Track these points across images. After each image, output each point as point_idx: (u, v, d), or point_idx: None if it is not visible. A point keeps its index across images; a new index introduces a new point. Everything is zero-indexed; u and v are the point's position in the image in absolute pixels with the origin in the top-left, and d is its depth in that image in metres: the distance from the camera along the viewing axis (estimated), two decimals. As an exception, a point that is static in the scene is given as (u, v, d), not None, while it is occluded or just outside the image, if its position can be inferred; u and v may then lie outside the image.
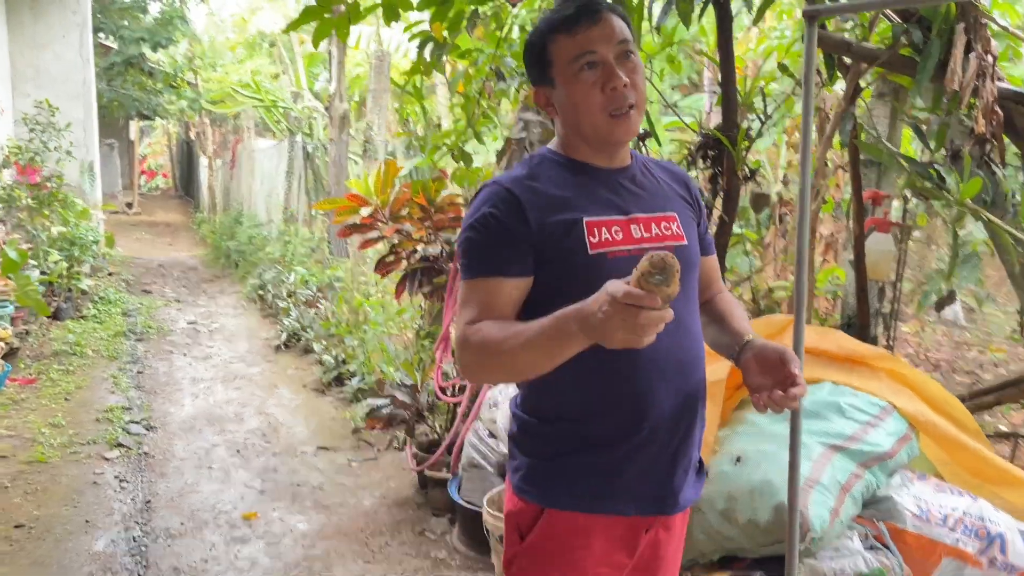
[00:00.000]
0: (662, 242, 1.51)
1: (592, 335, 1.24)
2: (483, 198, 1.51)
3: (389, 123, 7.97)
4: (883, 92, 4.00)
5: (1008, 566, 2.37)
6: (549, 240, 1.46)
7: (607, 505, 1.51)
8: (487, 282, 1.47)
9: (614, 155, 1.55)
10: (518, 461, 1.58)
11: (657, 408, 1.50)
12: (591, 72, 1.46)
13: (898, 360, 2.90)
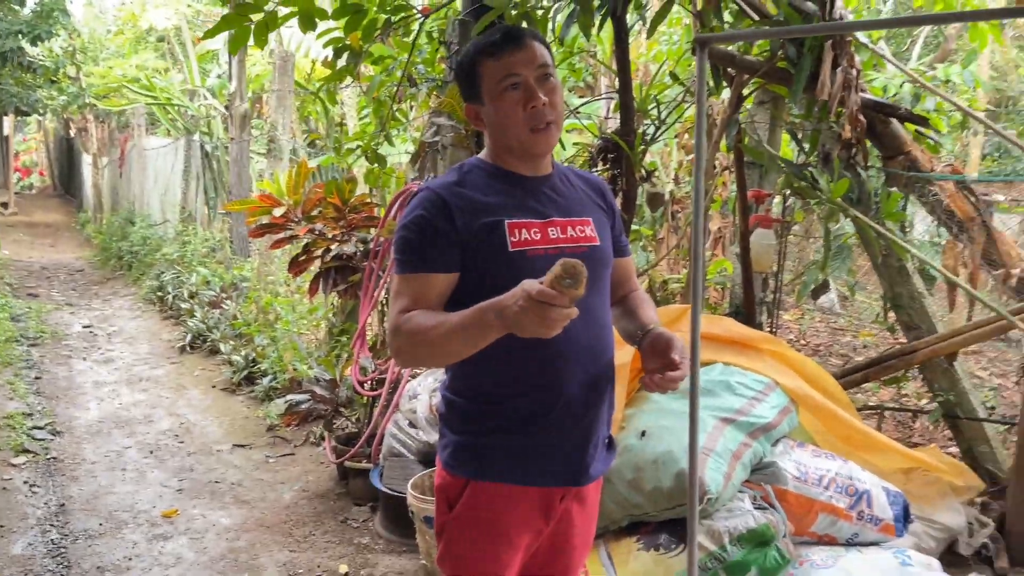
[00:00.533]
0: (576, 243, 1.70)
1: (507, 326, 1.43)
2: (417, 202, 1.68)
3: (293, 123, 7.96)
4: (764, 100, 4.38)
5: (873, 518, 2.73)
6: (474, 240, 1.62)
7: (527, 477, 1.69)
8: (418, 277, 1.63)
9: (536, 165, 1.73)
10: (447, 439, 1.75)
11: (570, 390, 1.67)
12: (514, 92, 1.64)
13: (780, 343, 3.25)
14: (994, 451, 3.59)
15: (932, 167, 4.00)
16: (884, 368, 3.85)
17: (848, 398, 3.19)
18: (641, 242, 5.61)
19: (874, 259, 3.86)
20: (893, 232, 3.72)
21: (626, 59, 3.92)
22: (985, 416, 3.77)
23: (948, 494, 3.15)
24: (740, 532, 2.48)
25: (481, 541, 1.72)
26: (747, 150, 4.13)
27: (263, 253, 6.87)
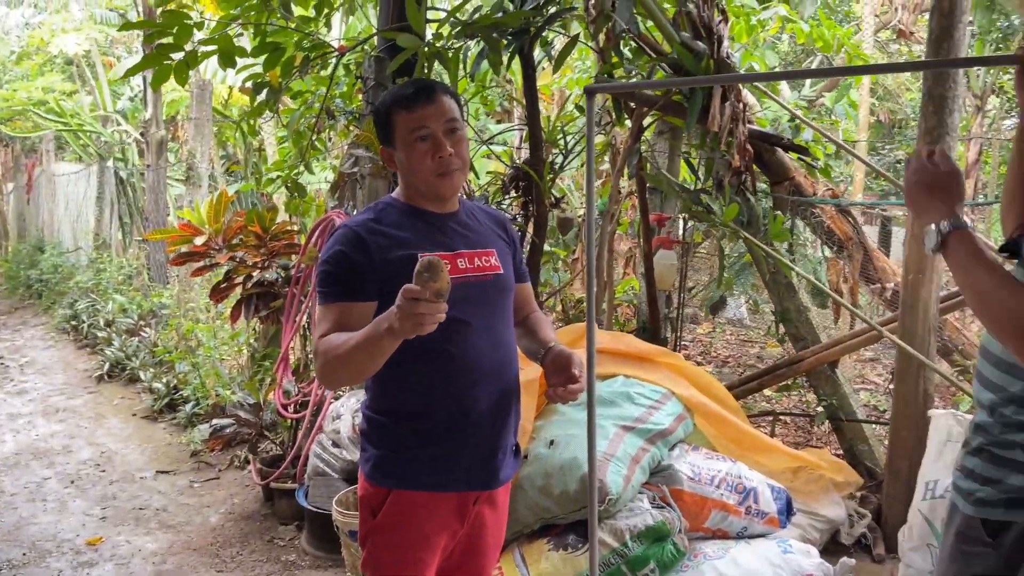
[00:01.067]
0: (482, 272, 1.88)
1: (394, 330, 1.54)
2: (336, 238, 1.83)
3: (211, 150, 7.98)
4: (663, 130, 4.71)
5: (760, 512, 3.02)
6: (390, 272, 1.76)
7: (442, 484, 1.85)
8: (337, 306, 1.79)
9: (444, 203, 1.91)
10: (368, 453, 1.89)
11: (478, 404, 1.84)
12: (424, 143, 1.81)
13: (676, 356, 3.53)
14: (872, 449, 3.96)
15: (814, 191, 4.39)
16: (775, 377, 4.19)
17: (738, 405, 3.49)
18: (556, 263, 5.88)
19: (763, 276, 4.20)
20: (779, 252, 4.07)
21: (534, 93, 4.18)
22: (865, 418, 4.14)
23: (830, 489, 3.47)
24: (640, 529, 2.72)
25: (403, 545, 1.88)
26: (648, 177, 4.44)
27: (183, 280, 6.88)
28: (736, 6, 5.01)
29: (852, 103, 6.73)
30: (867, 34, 7.30)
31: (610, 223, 4.67)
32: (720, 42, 4.01)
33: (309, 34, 3.75)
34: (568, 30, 4.51)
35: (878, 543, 3.51)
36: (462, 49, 3.86)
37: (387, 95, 1.91)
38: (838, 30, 5.35)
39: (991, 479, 1.49)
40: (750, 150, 4.15)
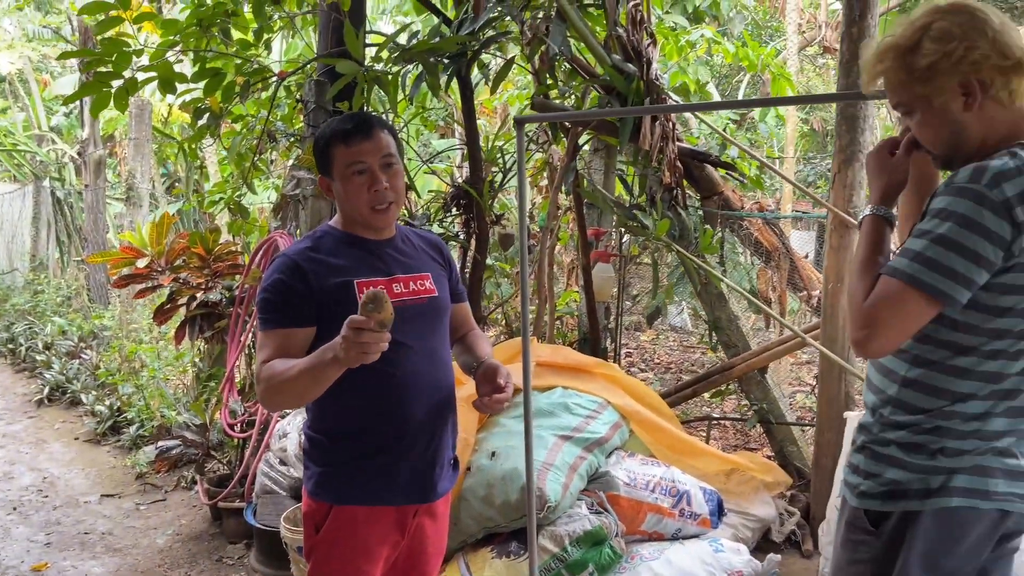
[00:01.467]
0: (417, 295, 1.97)
1: (339, 359, 1.63)
2: (275, 267, 1.91)
3: (152, 168, 7.92)
4: (598, 148, 4.88)
5: (693, 514, 3.17)
6: (328, 298, 1.86)
7: (383, 499, 1.93)
8: (278, 332, 1.86)
9: (380, 231, 2.00)
10: (311, 470, 1.96)
11: (415, 421, 1.92)
12: (360, 177, 1.90)
13: (612, 367, 3.68)
14: (801, 450, 4.16)
15: (742, 205, 4.60)
16: (709, 383, 4.37)
17: (672, 412, 3.65)
18: (498, 278, 6.00)
19: (696, 287, 4.38)
20: (710, 263, 4.26)
21: (472, 114, 4.32)
22: (794, 420, 4.34)
23: (761, 490, 3.65)
24: (578, 534, 2.85)
25: (346, 558, 1.96)
26: (585, 193, 4.60)
27: (125, 301, 6.81)
28: (666, 27, 5.21)
29: (780, 116, 7.02)
30: (792, 51, 7.64)
31: (550, 238, 4.81)
32: (649, 64, 4.19)
33: (249, 59, 3.81)
34: (504, 52, 4.66)
35: (807, 539, 3.70)
36: (400, 73, 3.97)
37: (326, 127, 1.98)
38: (762, 51, 5.60)
39: (872, 473, 1.65)
40: (680, 167, 4.34)
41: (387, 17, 9.88)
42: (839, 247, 3.57)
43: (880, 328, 1.50)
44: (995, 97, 1.53)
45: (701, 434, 4.67)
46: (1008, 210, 1.44)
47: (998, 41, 1.50)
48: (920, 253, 1.48)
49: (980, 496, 1.57)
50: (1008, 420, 1.57)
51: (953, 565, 1.62)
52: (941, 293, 1.47)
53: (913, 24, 1.57)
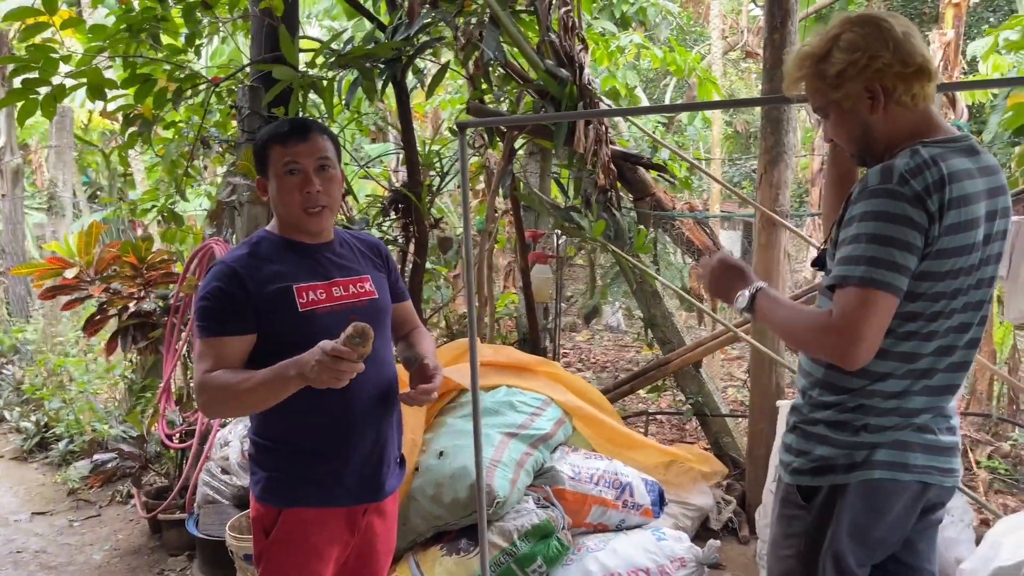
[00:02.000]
0: (357, 298, 1.98)
1: (305, 379, 1.69)
2: (213, 274, 1.90)
3: (74, 176, 7.69)
4: (533, 151, 4.97)
5: (635, 505, 3.27)
6: (267, 304, 1.86)
7: (332, 500, 1.95)
8: (218, 340, 1.85)
9: (315, 235, 1.99)
10: (258, 475, 1.97)
11: (361, 423, 1.94)
12: (293, 177, 1.90)
13: (554, 365, 3.76)
14: (735, 441, 4.31)
15: (673, 205, 4.74)
16: (646, 379, 4.49)
17: (613, 407, 3.75)
18: (437, 281, 6.03)
19: (631, 286, 4.50)
20: (644, 263, 4.38)
21: (408, 119, 4.34)
22: (729, 412, 4.50)
23: (699, 480, 3.78)
24: (527, 529, 2.91)
25: (297, 561, 1.97)
26: (522, 196, 4.68)
27: (49, 313, 6.60)
28: (596, 33, 5.33)
29: (706, 119, 7.24)
30: (716, 56, 7.90)
31: (488, 241, 4.87)
32: (582, 69, 4.29)
33: (180, 65, 3.77)
34: (439, 57, 4.71)
35: (743, 526, 3.85)
36: (336, 78, 3.97)
37: (266, 129, 2.00)
38: (688, 56, 5.79)
39: (802, 451, 1.76)
40: (614, 169, 4.45)
41: (314, 20, 9.79)
42: (767, 244, 3.72)
43: (859, 333, 1.56)
44: (899, 101, 1.67)
45: (640, 429, 4.79)
46: (921, 202, 1.56)
47: (900, 50, 1.64)
48: (861, 256, 1.57)
49: (900, 468, 1.69)
50: (926, 398, 1.69)
51: (879, 535, 1.74)
52: (893, 287, 1.57)
53: (826, 35, 1.71)
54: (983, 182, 1.66)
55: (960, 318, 1.68)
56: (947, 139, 1.69)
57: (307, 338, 1.74)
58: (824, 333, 1.60)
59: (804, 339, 1.67)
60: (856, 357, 1.57)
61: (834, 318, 1.59)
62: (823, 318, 1.61)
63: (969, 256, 1.63)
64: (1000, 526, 2.78)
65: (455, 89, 7.89)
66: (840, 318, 1.58)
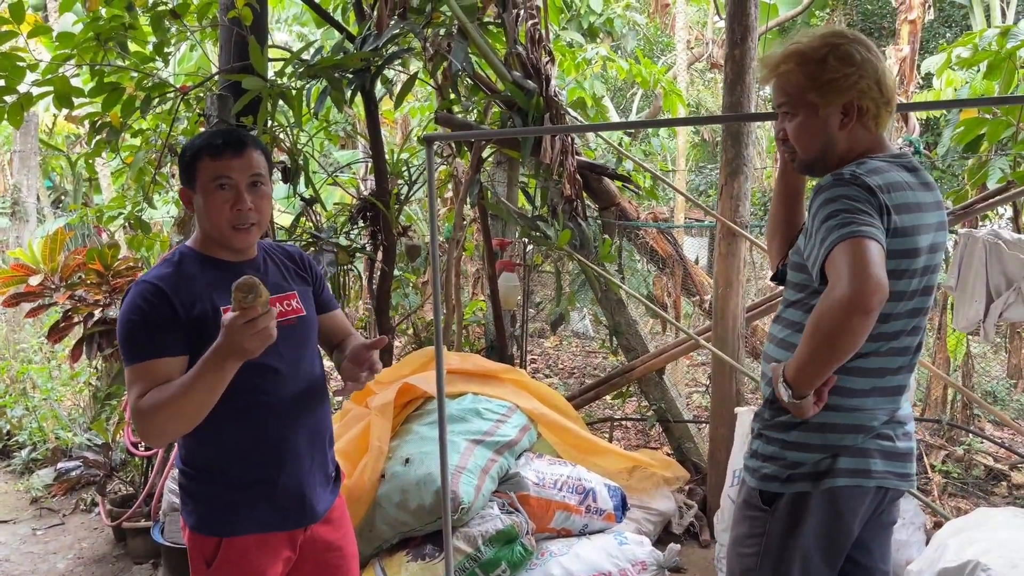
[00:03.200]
0: (285, 316, 1.92)
1: (236, 356, 1.62)
2: (136, 293, 1.79)
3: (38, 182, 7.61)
4: (501, 161, 5.02)
5: (598, 510, 3.33)
6: (196, 326, 1.78)
7: (268, 526, 1.90)
8: (148, 364, 1.74)
9: (242, 252, 1.93)
10: (190, 507, 1.91)
11: (293, 446, 1.91)
12: (224, 192, 1.82)
13: (520, 372, 3.82)
14: (697, 446, 4.40)
15: (638, 215, 4.83)
16: (611, 386, 4.57)
17: (577, 414, 3.82)
18: (405, 289, 6.07)
19: (596, 294, 4.57)
20: (609, 271, 4.46)
21: (376, 128, 4.39)
22: (691, 418, 4.59)
23: (661, 485, 3.86)
24: (491, 534, 2.96)
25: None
26: (489, 205, 4.73)
27: (11, 321, 6.53)
28: (563, 44, 5.41)
29: (671, 130, 7.36)
30: (682, 67, 8.04)
31: (456, 248, 4.92)
32: (548, 81, 4.37)
33: (148, 74, 3.78)
34: (407, 67, 4.76)
35: (704, 530, 3.93)
36: (304, 87, 4.00)
37: (197, 138, 1.91)
38: (653, 68, 5.89)
39: (769, 456, 1.83)
40: (579, 179, 4.53)
41: (283, 26, 9.79)
42: (727, 254, 3.82)
43: (866, 275, 1.52)
44: (864, 123, 1.77)
45: (604, 435, 4.87)
46: (873, 193, 1.65)
47: (881, 80, 1.74)
48: (839, 223, 1.59)
49: (863, 475, 1.77)
50: (878, 398, 1.77)
51: (843, 540, 1.82)
52: (876, 237, 1.57)
53: (822, 38, 1.76)
54: (924, 195, 1.76)
55: (910, 322, 1.77)
56: (890, 155, 1.79)
57: None
58: (837, 302, 1.53)
59: (831, 326, 1.55)
60: (872, 296, 1.51)
61: (834, 284, 1.56)
62: (825, 296, 1.57)
63: (916, 260, 1.72)
64: (947, 528, 2.89)
65: (424, 96, 7.94)
66: (839, 278, 1.54)
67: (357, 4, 4.24)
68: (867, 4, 10.16)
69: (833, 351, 1.58)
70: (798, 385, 1.67)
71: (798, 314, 1.82)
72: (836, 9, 9.78)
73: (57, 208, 8.67)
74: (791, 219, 2.08)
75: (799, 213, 2.08)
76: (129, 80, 3.72)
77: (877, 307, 1.53)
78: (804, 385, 1.66)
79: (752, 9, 3.83)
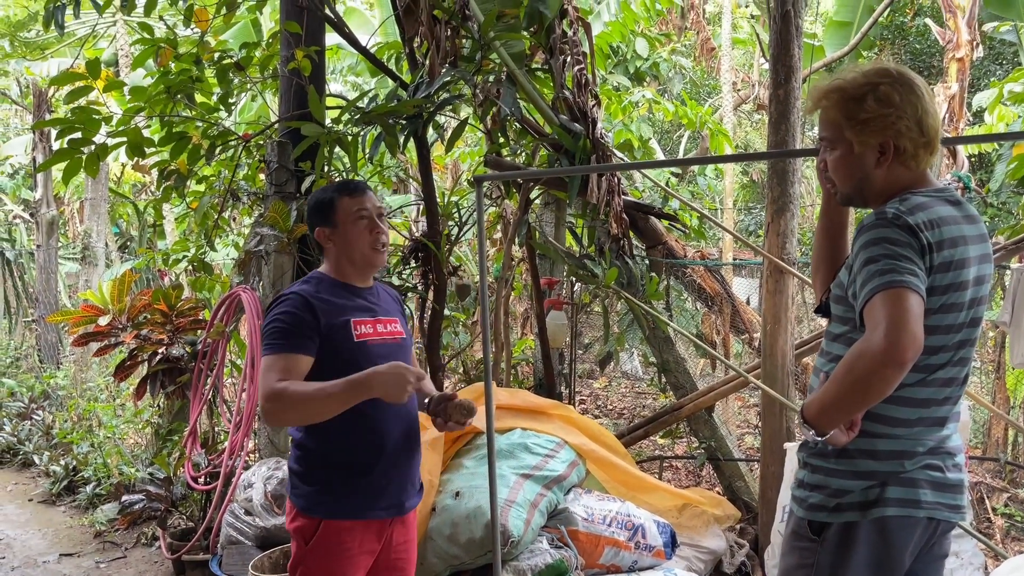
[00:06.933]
0: (394, 336, 2.32)
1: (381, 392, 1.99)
2: (287, 301, 2.19)
3: (107, 228, 7.96)
4: (548, 202, 5.12)
5: (648, 546, 3.33)
6: (330, 332, 2.17)
7: (366, 513, 2.21)
8: (288, 357, 2.12)
9: (367, 278, 2.35)
10: (300, 490, 2.22)
11: (392, 446, 2.23)
12: (364, 221, 2.26)
13: (568, 408, 3.86)
14: (748, 485, 4.36)
15: (684, 253, 4.87)
16: (660, 424, 4.57)
17: (626, 451, 3.83)
18: (455, 327, 6.17)
19: (644, 331, 4.61)
20: (656, 309, 4.49)
21: (428, 171, 4.53)
22: (741, 457, 4.56)
23: (712, 523, 3.83)
24: (540, 568, 2.99)
25: (333, 565, 2.19)
26: (537, 245, 4.82)
27: (79, 360, 6.79)
28: (609, 88, 5.53)
29: (719, 170, 7.40)
30: (728, 109, 8.12)
31: (505, 288, 5.01)
32: (595, 124, 4.47)
33: (213, 123, 3.98)
34: (458, 113, 4.91)
35: (756, 570, 3.88)
36: (360, 133, 4.17)
37: (328, 187, 2.35)
38: (699, 109, 5.97)
39: (817, 486, 1.84)
40: (626, 219, 4.59)
41: (339, 76, 10.14)
42: (775, 291, 3.83)
43: (901, 327, 1.55)
44: (903, 161, 1.78)
45: (654, 474, 4.85)
46: (914, 234, 1.67)
47: (923, 121, 1.75)
48: (880, 270, 1.63)
49: (912, 505, 1.77)
50: (924, 428, 1.78)
51: (893, 572, 1.81)
52: (915, 285, 1.61)
53: (864, 76, 1.78)
54: (969, 228, 1.78)
55: (957, 353, 1.78)
56: (933, 189, 1.81)
57: (358, 363, 2.08)
58: (871, 351, 1.57)
59: (862, 374, 1.60)
60: (906, 350, 1.54)
61: (871, 332, 1.59)
62: (861, 343, 1.61)
63: (963, 293, 1.74)
64: (1005, 566, 2.83)
65: (474, 142, 8.13)
66: (876, 327, 1.58)
67: (410, 54, 4.41)
68: (915, 43, 10.12)
69: (861, 397, 1.64)
70: (820, 425, 1.72)
71: (844, 349, 1.82)
72: (884, 49, 9.77)
73: (124, 253, 9.01)
74: (835, 254, 2.11)
75: (843, 247, 2.11)
76: (195, 129, 3.92)
77: (911, 361, 1.57)
78: (826, 425, 1.72)
79: (795, 50, 3.89)
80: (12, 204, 10.98)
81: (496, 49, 4.16)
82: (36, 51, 10.30)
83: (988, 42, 9.02)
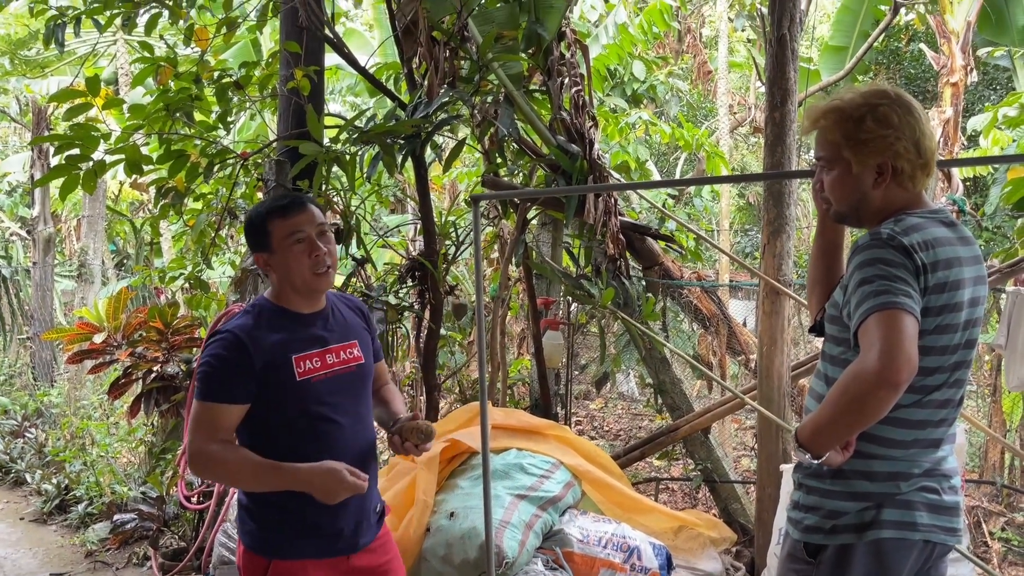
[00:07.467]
0: (347, 364, 2.13)
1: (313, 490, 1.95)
2: (220, 342, 2.00)
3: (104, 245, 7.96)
4: (545, 222, 5.14)
5: (643, 568, 3.31)
6: (269, 373, 1.99)
7: (317, 552, 2.07)
8: (218, 407, 1.97)
9: (314, 302, 2.14)
10: (248, 526, 2.09)
11: None
12: (300, 244, 2.04)
13: (564, 428, 3.85)
14: (744, 507, 4.34)
15: (681, 274, 4.88)
16: (656, 445, 4.55)
17: (622, 472, 3.81)
18: (452, 347, 6.16)
19: (640, 352, 4.60)
20: (652, 330, 4.49)
21: (426, 191, 4.54)
22: (737, 478, 4.54)
23: (708, 545, 3.81)
24: (535, 590, 2.97)
25: None
26: (534, 265, 4.83)
27: (73, 378, 6.76)
28: (606, 110, 5.56)
29: (715, 192, 7.45)
30: (724, 131, 8.17)
31: (501, 308, 5.01)
32: (592, 145, 4.50)
33: (211, 141, 3.99)
34: (456, 133, 4.93)
35: (753, 592, 3.86)
36: (358, 153, 4.18)
37: (259, 207, 2.14)
38: (695, 131, 6.01)
39: (812, 507, 1.83)
40: (623, 239, 4.61)
41: (337, 96, 10.20)
42: (771, 312, 3.83)
43: (896, 348, 1.56)
44: (900, 182, 1.79)
45: (650, 496, 4.82)
46: (908, 255, 1.68)
47: (920, 143, 1.76)
48: (875, 291, 1.64)
49: (908, 528, 1.76)
50: (919, 450, 1.78)
51: None
52: (909, 307, 1.62)
53: (863, 97, 1.79)
54: (963, 249, 1.79)
55: (953, 375, 1.78)
56: (928, 211, 1.82)
57: (301, 402, 1.98)
58: (866, 373, 1.58)
59: (856, 396, 1.61)
60: (900, 372, 1.55)
61: (865, 354, 1.59)
62: (855, 365, 1.61)
63: (958, 314, 1.74)
64: (1003, 591, 2.81)
65: (471, 162, 8.16)
66: (871, 348, 1.58)
67: (409, 74, 4.44)
68: (910, 68, 10.21)
69: (855, 419, 1.63)
70: (814, 447, 1.71)
71: (838, 371, 1.82)
72: (879, 74, 9.85)
73: (120, 270, 9.01)
74: (830, 274, 2.11)
75: (838, 267, 2.12)
76: (193, 147, 3.93)
77: (906, 382, 1.57)
78: (820, 447, 1.71)
79: (791, 73, 3.92)
80: (9, 221, 10.98)
81: (494, 70, 4.19)
82: (36, 69, 10.36)
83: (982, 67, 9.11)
